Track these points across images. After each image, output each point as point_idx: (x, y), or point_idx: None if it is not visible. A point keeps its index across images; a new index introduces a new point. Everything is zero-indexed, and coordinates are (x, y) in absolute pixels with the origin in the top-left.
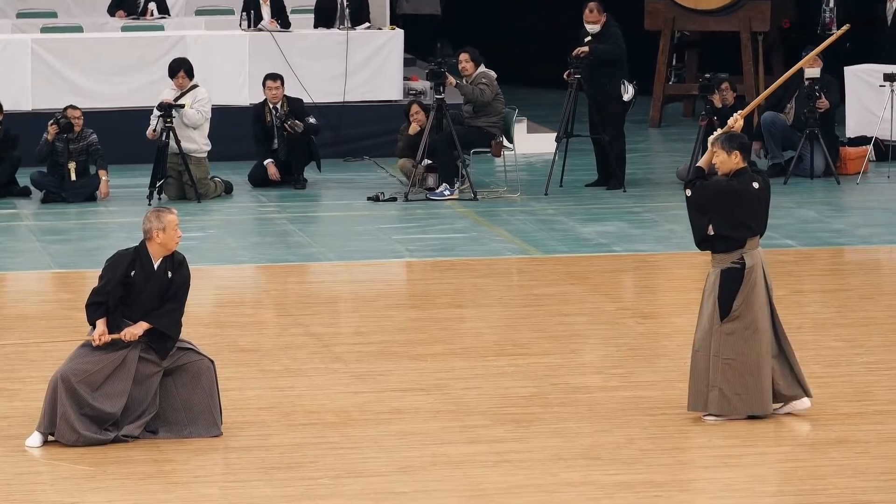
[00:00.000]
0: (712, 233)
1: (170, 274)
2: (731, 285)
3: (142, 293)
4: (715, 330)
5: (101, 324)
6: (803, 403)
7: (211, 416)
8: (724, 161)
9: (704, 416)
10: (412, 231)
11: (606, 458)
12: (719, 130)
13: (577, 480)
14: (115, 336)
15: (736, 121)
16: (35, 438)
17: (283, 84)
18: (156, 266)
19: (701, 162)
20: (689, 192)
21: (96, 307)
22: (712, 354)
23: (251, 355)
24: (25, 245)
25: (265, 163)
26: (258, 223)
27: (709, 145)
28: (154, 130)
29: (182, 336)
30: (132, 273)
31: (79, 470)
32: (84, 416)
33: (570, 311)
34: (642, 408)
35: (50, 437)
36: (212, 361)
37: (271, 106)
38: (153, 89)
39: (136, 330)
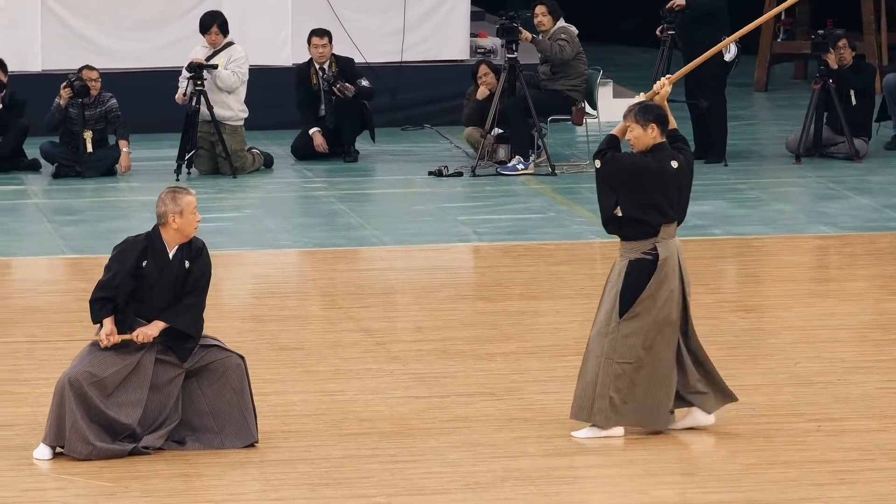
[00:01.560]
0: (620, 214)
1: (187, 264)
2: (637, 278)
3: (155, 287)
4: (612, 329)
5: (108, 322)
6: (707, 419)
7: (243, 422)
8: (640, 136)
9: (576, 433)
10: (480, 211)
11: (704, 474)
12: (640, 97)
13: (671, 499)
14: (126, 337)
15: (663, 86)
16: (43, 451)
17: (331, 41)
18: (171, 255)
19: (615, 130)
20: (598, 164)
21: (103, 303)
22: (605, 357)
23: (294, 354)
24: (34, 226)
25: (311, 132)
26: (302, 202)
27: (622, 118)
28: (184, 94)
29: (205, 332)
30: (144, 264)
31: (96, 486)
32: (97, 425)
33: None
34: (746, 416)
35: (59, 450)
36: (242, 358)
37: (318, 66)
38: (182, 47)
39: (151, 331)
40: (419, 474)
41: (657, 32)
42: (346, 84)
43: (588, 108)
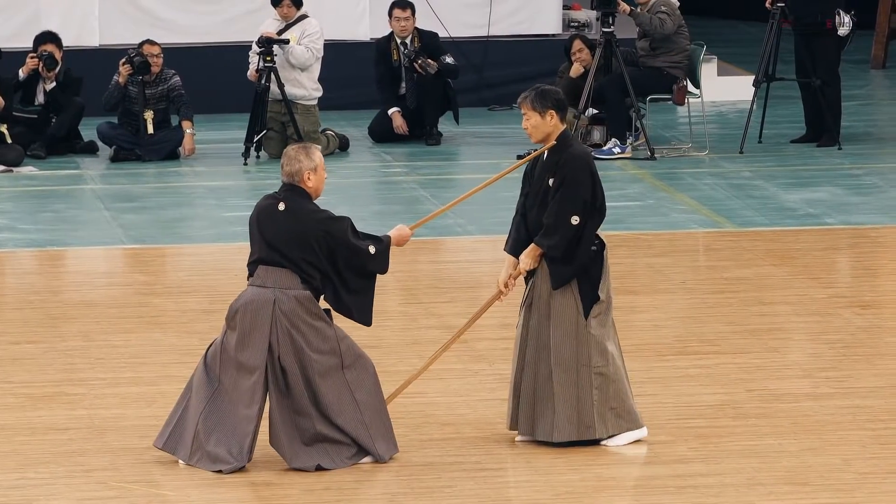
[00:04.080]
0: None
1: None
2: (590, 271)
3: None
4: (581, 333)
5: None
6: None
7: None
8: (538, 124)
9: (604, 443)
10: None
11: (816, 484)
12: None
13: None
14: None
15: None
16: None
17: (413, 14)
18: None
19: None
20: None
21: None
22: (580, 365)
23: (371, 353)
24: (91, 214)
25: (390, 112)
26: (381, 187)
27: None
28: (256, 71)
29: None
30: None
31: (156, 495)
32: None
33: (770, 300)
34: (861, 420)
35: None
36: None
37: (399, 41)
38: (251, 20)
39: None
40: (506, 483)
41: (766, 5)
42: (429, 60)
43: (690, 87)
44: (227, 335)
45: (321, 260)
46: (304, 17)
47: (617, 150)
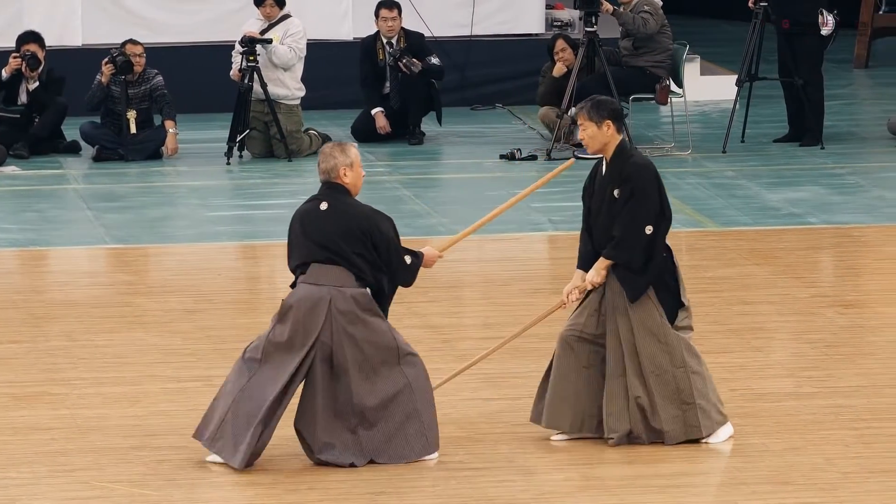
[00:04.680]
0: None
1: None
2: (664, 278)
3: None
4: (670, 338)
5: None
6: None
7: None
8: (594, 135)
9: (704, 440)
10: (556, 197)
11: (799, 483)
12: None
13: None
14: None
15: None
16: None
17: (400, 14)
18: None
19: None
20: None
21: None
22: (676, 368)
23: None
24: (74, 214)
25: (373, 112)
26: (364, 187)
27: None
28: (239, 70)
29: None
30: None
31: (139, 495)
32: None
33: (753, 299)
34: (843, 420)
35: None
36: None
37: (385, 41)
38: (234, 20)
39: None
40: (489, 483)
41: (749, 4)
42: (413, 60)
43: (673, 87)
44: (276, 329)
45: (371, 254)
46: (286, 16)
47: None
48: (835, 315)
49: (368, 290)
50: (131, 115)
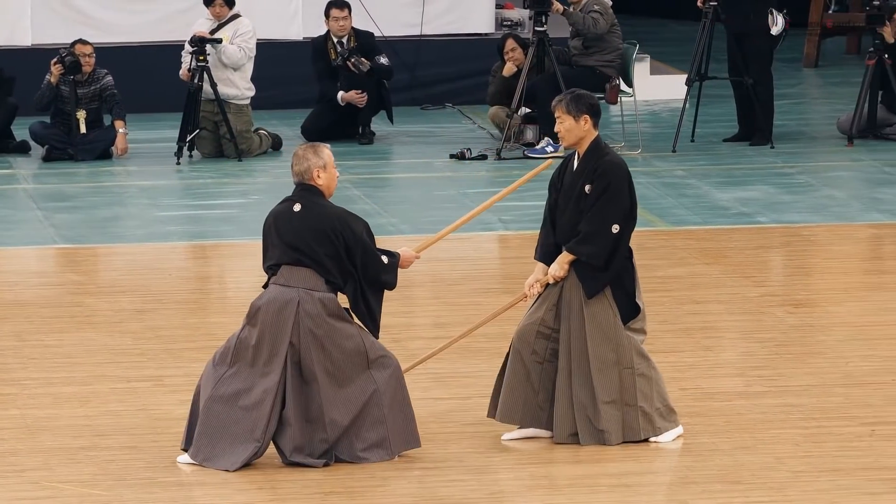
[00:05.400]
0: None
1: None
2: (622, 278)
3: None
4: (620, 337)
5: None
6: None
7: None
8: (571, 128)
9: (654, 439)
10: (506, 197)
11: (749, 482)
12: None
13: None
14: None
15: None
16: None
17: (350, 13)
18: None
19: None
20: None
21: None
22: (623, 368)
23: None
24: (23, 214)
25: (339, 96)
26: None
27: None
28: (189, 70)
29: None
30: None
31: (89, 496)
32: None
33: (703, 298)
34: (793, 419)
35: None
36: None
37: (336, 40)
38: (183, 20)
39: None
40: (439, 483)
41: (698, 4)
42: (362, 59)
43: (623, 86)
44: (246, 330)
45: (341, 256)
46: (236, 16)
47: (550, 148)
48: (784, 314)
49: (336, 294)
50: (81, 115)
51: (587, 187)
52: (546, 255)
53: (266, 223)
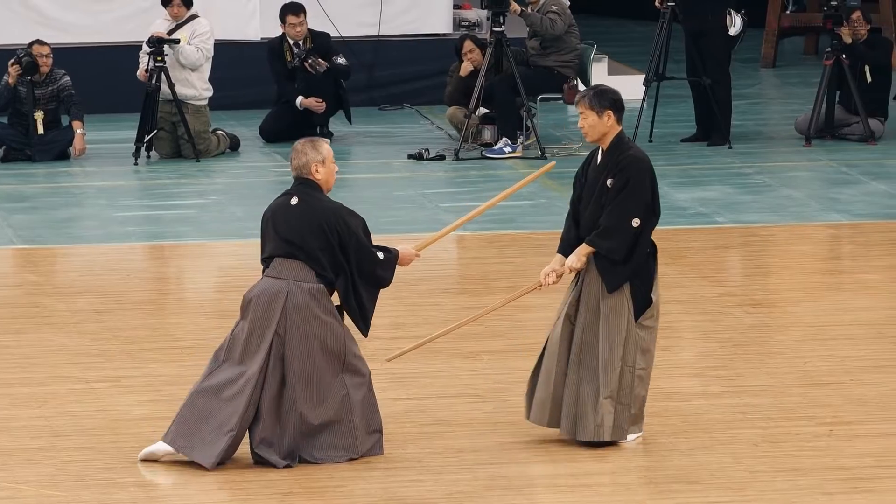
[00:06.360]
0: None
1: None
2: (642, 273)
3: None
4: (630, 334)
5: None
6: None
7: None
8: (595, 124)
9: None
10: (464, 197)
11: (707, 482)
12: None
13: None
14: None
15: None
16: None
17: (305, 17)
18: None
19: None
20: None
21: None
22: (625, 366)
23: None
24: None
25: (298, 102)
26: (271, 187)
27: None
28: (146, 70)
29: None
30: None
31: (46, 496)
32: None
33: (661, 298)
34: (751, 419)
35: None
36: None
37: (291, 42)
38: (141, 20)
39: None
40: (398, 483)
41: (656, 4)
42: (319, 60)
43: (581, 86)
44: (240, 326)
45: (334, 250)
46: (194, 16)
47: (508, 149)
48: (743, 314)
49: (326, 287)
50: (38, 115)
51: (609, 181)
52: (566, 248)
53: (264, 217)
